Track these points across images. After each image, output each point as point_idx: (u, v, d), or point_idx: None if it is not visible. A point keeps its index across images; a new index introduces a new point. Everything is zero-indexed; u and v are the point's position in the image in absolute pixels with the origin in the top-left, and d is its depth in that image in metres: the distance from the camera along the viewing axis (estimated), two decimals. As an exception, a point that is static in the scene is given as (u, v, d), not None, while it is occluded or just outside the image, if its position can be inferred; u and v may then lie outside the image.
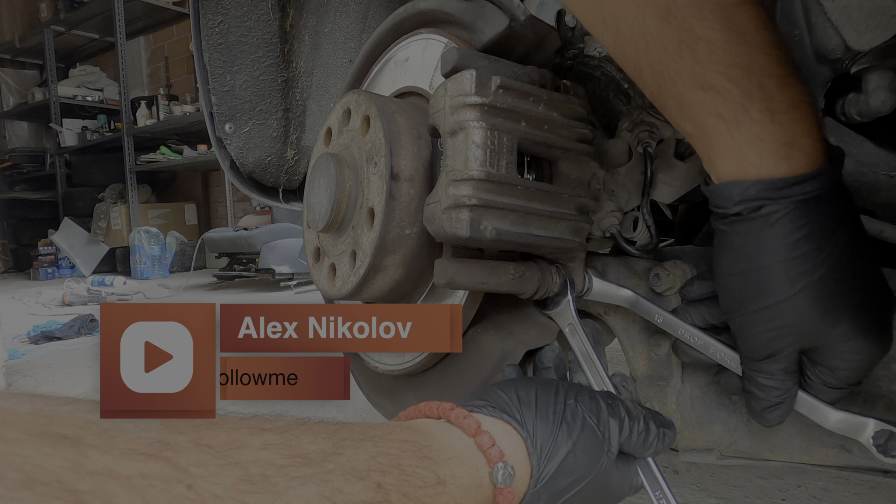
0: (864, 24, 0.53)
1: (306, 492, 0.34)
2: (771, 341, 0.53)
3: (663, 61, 0.50)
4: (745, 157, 0.50)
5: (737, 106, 0.49)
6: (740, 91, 0.48)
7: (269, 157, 1.33)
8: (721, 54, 0.48)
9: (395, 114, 0.67)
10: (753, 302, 0.53)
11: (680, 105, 0.52)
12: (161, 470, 0.30)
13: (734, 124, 0.49)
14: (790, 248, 0.50)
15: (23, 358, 2.46)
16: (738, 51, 0.48)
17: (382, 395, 0.84)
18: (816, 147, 0.50)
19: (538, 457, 0.48)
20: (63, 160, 6.99)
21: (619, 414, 0.53)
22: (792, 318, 0.52)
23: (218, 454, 0.33)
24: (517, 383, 0.54)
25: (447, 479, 0.42)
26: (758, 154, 0.50)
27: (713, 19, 0.47)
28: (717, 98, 0.49)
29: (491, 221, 0.58)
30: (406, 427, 0.47)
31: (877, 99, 0.56)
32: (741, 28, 0.47)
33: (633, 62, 0.52)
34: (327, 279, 0.74)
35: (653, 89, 0.53)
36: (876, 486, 1.14)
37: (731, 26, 0.47)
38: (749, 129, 0.49)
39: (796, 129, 0.49)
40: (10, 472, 0.26)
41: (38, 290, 4.70)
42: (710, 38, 0.47)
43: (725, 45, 0.47)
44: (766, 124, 0.49)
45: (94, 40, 7.21)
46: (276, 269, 4.14)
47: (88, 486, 0.27)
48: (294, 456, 0.36)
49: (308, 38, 1.30)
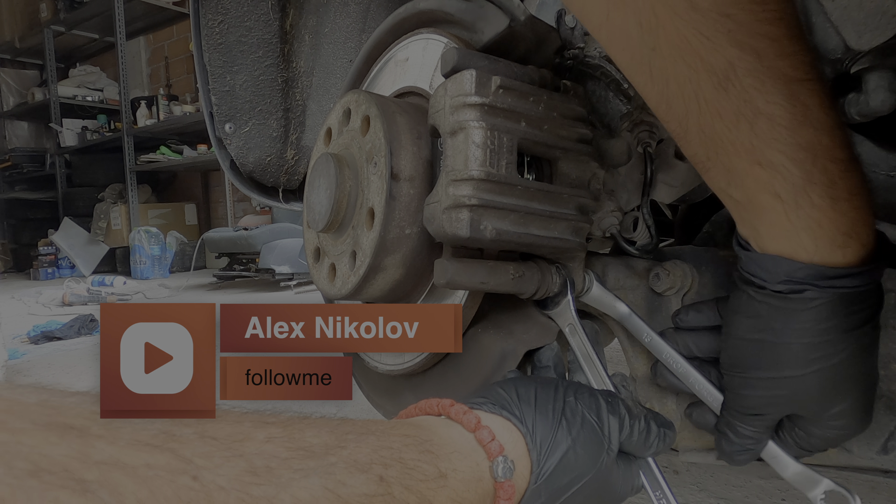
0: (864, 24, 0.53)
1: (310, 484, 0.35)
2: (765, 405, 0.55)
3: (716, 129, 0.47)
4: (798, 240, 0.48)
5: (797, 188, 0.46)
6: (802, 174, 0.46)
7: (269, 157, 1.33)
8: (784, 132, 0.45)
9: (395, 114, 0.67)
10: (761, 370, 0.53)
11: (730, 174, 0.49)
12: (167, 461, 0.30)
13: (793, 206, 0.47)
14: (817, 334, 0.49)
15: (23, 358, 2.46)
16: (802, 131, 0.45)
17: (382, 395, 0.84)
18: (871, 238, 0.49)
19: (538, 452, 0.48)
20: (63, 160, 6.99)
21: (620, 412, 0.53)
22: (795, 392, 0.52)
23: (222, 446, 0.33)
24: (517, 381, 0.54)
25: (448, 473, 0.43)
26: (814, 240, 0.48)
27: (776, 94, 0.44)
28: (776, 177, 0.46)
29: (491, 221, 0.58)
30: (407, 423, 0.47)
31: (877, 99, 0.56)
32: (806, 106, 0.44)
33: (681, 122, 0.49)
34: (327, 279, 0.74)
35: (698, 152, 0.50)
36: (876, 486, 1.14)
37: (796, 103, 0.44)
38: (808, 214, 0.47)
39: (856, 218, 0.47)
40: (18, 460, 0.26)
41: (38, 290, 4.70)
42: (773, 113, 0.44)
43: (789, 122, 0.44)
44: (828, 211, 0.47)
45: (94, 40, 7.22)
46: (276, 269, 4.14)
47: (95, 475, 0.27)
48: (297, 449, 0.36)
49: (308, 38, 1.30)
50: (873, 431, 0.62)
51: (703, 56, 0.44)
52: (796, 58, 0.43)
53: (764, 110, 0.44)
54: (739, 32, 0.42)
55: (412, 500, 0.39)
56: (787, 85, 0.44)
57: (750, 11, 0.42)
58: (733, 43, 0.43)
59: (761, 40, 0.43)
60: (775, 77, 0.44)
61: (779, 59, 0.43)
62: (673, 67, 0.46)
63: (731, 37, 0.42)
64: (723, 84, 0.45)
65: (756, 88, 0.44)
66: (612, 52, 0.51)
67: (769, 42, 0.43)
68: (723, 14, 0.42)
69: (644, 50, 0.46)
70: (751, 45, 0.43)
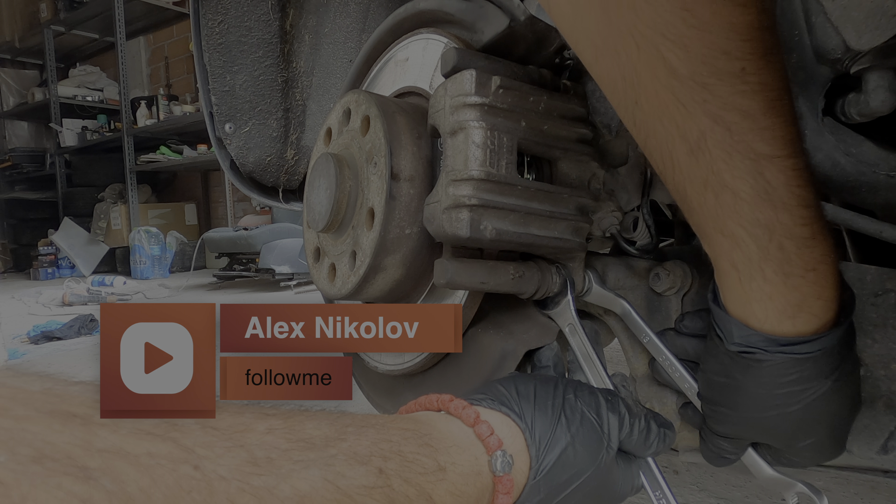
0: (864, 24, 0.53)
1: (310, 475, 0.35)
2: (735, 432, 0.57)
3: (687, 192, 0.48)
4: (750, 309, 0.50)
5: (752, 262, 0.48)
6: (758, 249, 0.47)
7: (269, 157, 1.33)
8: (745, 208, 0.46)
9: (395, 114, 0.67)
10: (728, 408, 0.56)
11: (699, 233, 0.51)
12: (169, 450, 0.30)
13: (747, 278, 0.49)
14: (772, 387, 0.52)
15: (23, 358, 2.46)
16: (762, 207, 0.45)
17: (382, 395, 0.84)
18: (826, 308, 0.50)
19: (537, 448, 0.48)
20: (63, 160, 6.99)
21: (619, 410, 0.54)
22: (761, 429, 0.55)
23: (224, 436, 0.33)
24: (516, 378, 0.55)
25: (447, 466, 0.43)
26: (764, 311, 0.50)
27: (743, 169, 0.44)
28: (735, 248, 0.48)
29: (491, 221, 0.58)
30: (406, 417, 0.48)
31: (877, 99, 0.56)
32: (770, 184, 0.44)
33: (659, 172, 0.50)
34: (327, 279, 0.74)
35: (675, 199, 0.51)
36: (876, 486, 1.14)
37: (761, 180, 0.44)
38: (760, 287, 0.49)
39: (808, 292, 0.49)
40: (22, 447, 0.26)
41: (38, 290, 4.70)
42: (737, 188, 0.45)
43: (752, 199, 0.45)
44: (779, 285, 0.48)
45: (94, 40, 7.21)
46: (276, 269, 4.14)
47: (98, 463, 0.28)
48: (298, 440, 0.36)
49: (308, 38, 1.30)
50: (873, 431, 0.62)
51: (678, 122, 0.44)
52: (769, 133, 0.43)
53: (729, 184, 0.45)
54: (714, 104, 0.42)
55: (411, 493, 0.39)
56: (754, 161, 0.44)
57: (728, 83, 0.41)
58: (707, 113, 0.43)
59: (735, 114, 0.42)
60: (744, 152, 0.44)
61: (750, 134, 0.43)
62: (651, 125, 0.47)
63: (705, 107, 0.43)
64: (694, 152, 0.45)
65: (724, 161, 0.44)
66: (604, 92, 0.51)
67: (742, 117, 0.43)
68: (700, 84, 0.42)
69: (628, 102, 0.47)
70: (723, 118, 0.43)
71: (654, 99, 0.44)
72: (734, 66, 0.41)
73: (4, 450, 0.26)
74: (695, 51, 0.41)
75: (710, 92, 0.42)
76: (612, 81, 0.47)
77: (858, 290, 0.63)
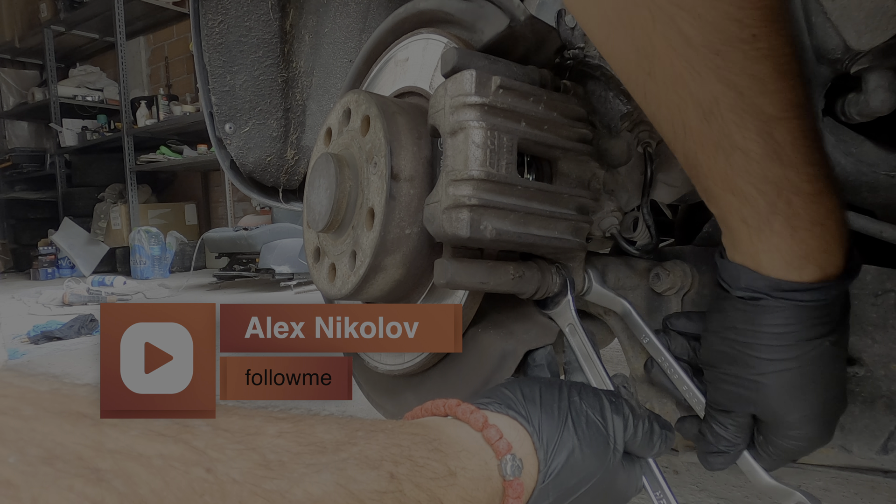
0: (864, 24, 0.53)
1: (321, 479, 0.35)
2: (730, 401, 0.58)
3: (697, 157, 0.50)
4: (759, 259, 0.53)
5: (761, 217, 0.50)
6: (767, 204, 0.49)
7: (269, 157, 1.33)
8: (755, 167, 0.48)
9: (395, 114, 0.67)
10: (727, 366, 0.57)
11: (707, 194, 0.54)
12: (181, 452, 0.30)
13: (756, 231, 0.51)
14: (774, 338, 0.54)
15: (23, 358, 2.46)
16: (771, 166, 0.48)
17: (382, 395, 0.84)
18: (832, 262, 0.52)
19: (545, 451, 0.48)
20: (63, 160, 6.99)
21: (623, 412, 0.54)
22: (756, 393, 0.56)
23: (235, 439, 0.33)
24: (521, 382, 0.54)
25: (457, 472, 0.42)
26: (772, 261, 0.52)
27: (753, 130, 0.46)
28: (745, 205, 0.50)
29: (491, 221, 0.58)
30: (415, 423, 0.48)
31: (877, 99, 0.56)
32: (779, 143, 0.47)
33: (669, 140, 0.52)
34: (327, 279, 0.74)
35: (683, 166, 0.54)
36: (876, 486, 1.14)
37: (770, 140, 0.47)
38: (769, 239, 0.51)
39: (814, 245, 0.51)
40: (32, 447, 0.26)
41: (38, 290, 4.70)
42: (748, 148, 0.47)
43: (761, 158, 0.47)
44: (787, 238, 0.51)
45: (94, 40, 7.21)
46: (276, 269, 4.14)
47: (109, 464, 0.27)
48: (309, 444, 0.36)
49: (308, 38, 1.30)
50: (873, 431, 0.62)
51: (692, 89, 0.46)
52: (778, 96, 0.45)
53: (740, 144, 0.47)
54: (726, 70, 0.44)
55: (422, 498, 0.39)
56: (764, 122, 0.46)
57: (740, 50, 0.44)
58: (720, 79, 0.45)
59: (746, 79, 0.45)
60: (754, 114, 0.46)
61: (760, 97, 0.45)
62: (664, 94, 0.49)
63: (718, 73, 0.45)
64: (706, 117, 0.47)
65: (735, 123, 0.47)
66: (612, 67, 0.53)
67: (753, 80, 0.45)
68: (713, 51, 0.44)
69: (640, 73, 0.49)
70: (735, 83, 0.45)
71: (669, 68, 0.46)
72: (745, 33, 0.43)
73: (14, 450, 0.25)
74: (708, 19, 0.42)
75: (722, 58, 0.44)
76: (624, 55, 0.49)
77: (858, 290, 0.63)
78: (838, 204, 0.51)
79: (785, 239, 0.51)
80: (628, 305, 0.67)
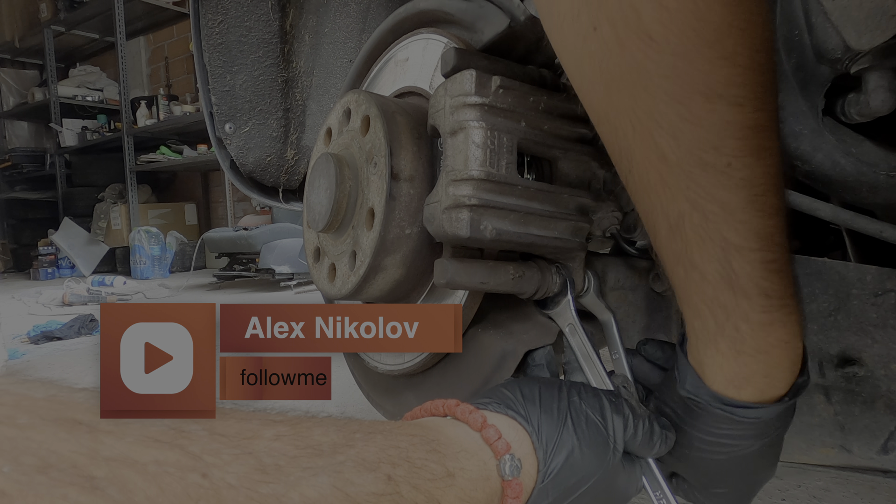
0: (864, 24, 0.53)
1: (318, 482, 0.34)
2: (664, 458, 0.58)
3: (664, 257, 0.51)
4: (703, 369, 0.54)
5: (709, 334, 0.51)
6: (716, 325, 0.50)
7: (269, 157, 1.33)
8: (709, 289, 0.49)
9: (395, 114, 0.67)
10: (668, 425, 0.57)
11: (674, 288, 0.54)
12: (176, 458, 0.30)
13: (703, 345, 0.53)
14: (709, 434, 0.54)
15: (23, 358, 2.46)
16: (724, 292, 0.48)
17: (382, 395, 0.84)
18: (773, 385, 0.52)
19: (544, 451, 0.48)
20: (63, 160, 6.99)
21: (624, 412, 0.54)
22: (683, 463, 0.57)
23: (231, 443, 0.33)
24: (521, 382, 0.54)
25: (456, 472, 0.42)
26: (714, 376, 0.53)
27: (712, 255, 0.47)
28: (696, 318, 0.52)
29: (491, 221, 0.58)
30: (413, 423, 0.47)
31: (877, 99, 0.56)
32: (735, 272, 0.47)
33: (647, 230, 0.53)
34: (327, 279, 0.74)
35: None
36: (876, 486, 1.14)
37: (727, 267, 0.47)
38: (713, 357, 0.52)
39: (756, 370, 0.51)
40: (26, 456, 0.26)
41: (38, 290, 4.70)
42: (704, 270, 0.48)
43: (716, 282, 0.48)
44: (730, 359, 0.51)
45: (94, 40, 7.21)
46: (276, 269, 4.14)
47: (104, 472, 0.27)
48: (306, 447, 0.36)
49: (308, 38, 1.30)
50: (873, 431, 0.62)
51: (662, 200, 0.47)
52: (744, 226, 0.45)
53: (698, 264, 0.48)
54: (695, 192, 0.44)
55: (420, 500, 0.39)
56: (724, 250, 0.46)
57: (712, 176, 0.43)
58: (688, 199, 0.45)
59: (714, 204, 0.45)
60: (716, 240, 0.46)
61: (725, 225, 0.45)
62: (639, 194, 0.49)
63: (687, 193, 0.45)
64: (672, 230, 0.48)
65: (696, 244, 0.47)
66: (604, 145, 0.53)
67: (720, 207, 0.45)
68: (686, 172, 0.44)
69: (622, 167, 0.49)
70: (702, 206, 0.45)
71: (644, 175, 0.47)
72: (720, 161, 0.43)
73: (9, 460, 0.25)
74: (685, 142, 0.43)
75: (693, 180, 0.44)
76: (609, 145, 0.50)
77: (858, 290, 0.63)
78: (793, 332, 0.51)
79: (728, 360, 0.51)
80: (612, 320, 0.67)
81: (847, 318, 0.64)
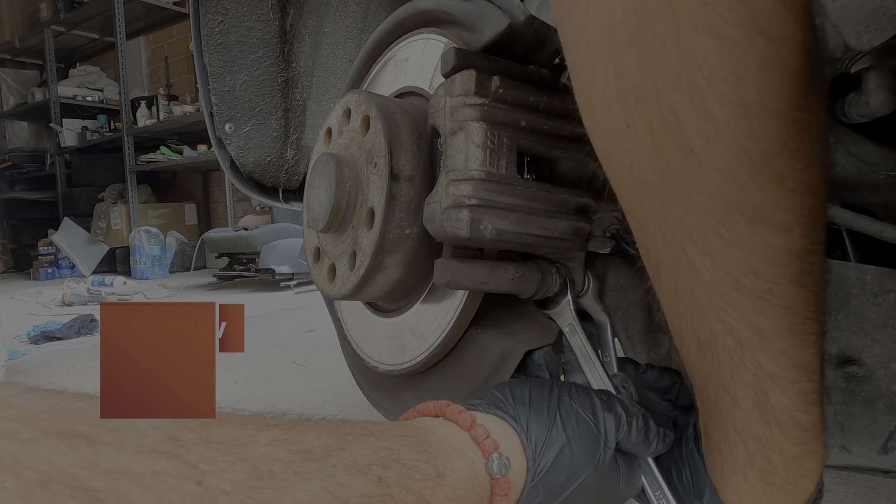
0: (864, 24, 0.53)
1: (311, 486, 0.35)
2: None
3: (692, 372, 0.48)
4: (724, 492, 0.52)
5: (738, 463, 0.49)
6: (747, 454, 0.48)
7: (269, 157, 1.33)
8: (741, 417, 0.47)
9: (395, 114, 0.67)
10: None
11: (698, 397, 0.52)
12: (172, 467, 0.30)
13: (730, 472, 0.51)
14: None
15: (23, 358, 2.46)
16: (758, 422, 0.46)
17: (382, 395, 0.84)
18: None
19: (533, 450, 0.49)
20: (63, 160, 6.99)
21: (615, 410, 0.54)
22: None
23: (227, 450, 0.33)
24: (512, 383, 0.55)
25: (445, 472, 0.43)
26: (737, 500, 0.51)
27: (746, 382, 0.44)
28: (724, 442, 0.49)
29: (491, 221, 0.58)
30: (406, 424, 0.48)
31: (877, 99, 0.56)
32: (771, 404, 0.45)
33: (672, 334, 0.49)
34: (327, 279, 0.74)
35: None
36: (876, 486, 1.14)
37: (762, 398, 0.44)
38: (738, 485, 0.50)
39: (783, 501, 0.50)
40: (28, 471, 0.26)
41: (38, 290, 4.70)
42: (737, 396, 0.46)
43: (749, 411, 0.46)
44: (757, 490, 0.50)
45: (94, 40, 7.21)
46: (276, 269, 4.14)
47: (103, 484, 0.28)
48: (299, 451, 0.36)
49: (308, 38, 1.30)
50: (873, 431, 0.62)
51: (693, 316, 0.44)
52: (783, 356, 0.42)
53: (730, 389, 0.45)
54: (730, 315, 0.41)
55: (410, 500, 0.39)
56: (759, 379, 0.44)
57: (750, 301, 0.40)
58: (721, 321, 0.42)
59: (750, 331, 0.42)
60: (750, 368, 0.43)
61: (761, 353, 0.42)
62: (668, 301, 0.46)
63: (721, 315, 0.42)
64: (702, 348, 0.45)
65: (730, 368, 0.44)
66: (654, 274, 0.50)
67: (757, 335, 0.42)
68: (719, 292, 0.40)
69: (649, 264, 0.46)
70: (737, 332, 0.42)
71: (673, 285, 0.43)
72: (760, 287, 0.39)
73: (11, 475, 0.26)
74: (721, 262, 0.39)
75: (727, 302, 0.40)
76: (636, 239, 0.46)
77: (858, 290, 0.63)
78: (820, 460, 0.49)
79: (755, 489, 0.49)
80: (608, 323, 0.67)
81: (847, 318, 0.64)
